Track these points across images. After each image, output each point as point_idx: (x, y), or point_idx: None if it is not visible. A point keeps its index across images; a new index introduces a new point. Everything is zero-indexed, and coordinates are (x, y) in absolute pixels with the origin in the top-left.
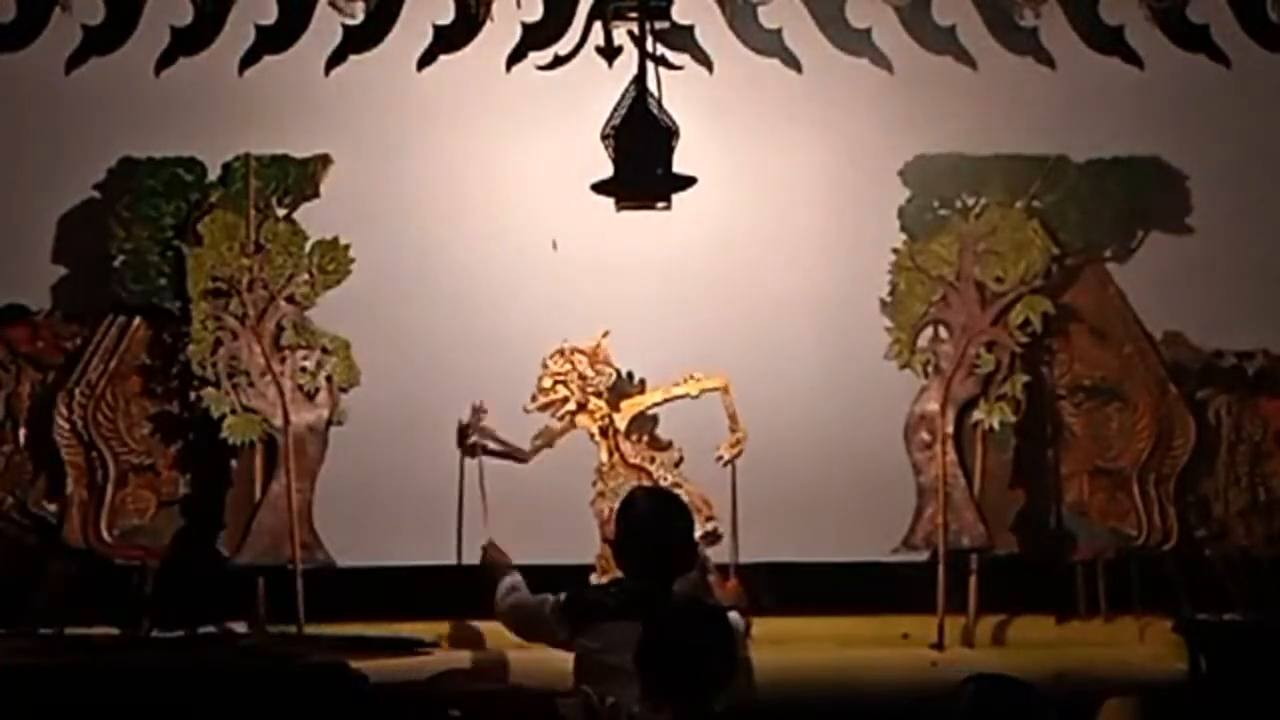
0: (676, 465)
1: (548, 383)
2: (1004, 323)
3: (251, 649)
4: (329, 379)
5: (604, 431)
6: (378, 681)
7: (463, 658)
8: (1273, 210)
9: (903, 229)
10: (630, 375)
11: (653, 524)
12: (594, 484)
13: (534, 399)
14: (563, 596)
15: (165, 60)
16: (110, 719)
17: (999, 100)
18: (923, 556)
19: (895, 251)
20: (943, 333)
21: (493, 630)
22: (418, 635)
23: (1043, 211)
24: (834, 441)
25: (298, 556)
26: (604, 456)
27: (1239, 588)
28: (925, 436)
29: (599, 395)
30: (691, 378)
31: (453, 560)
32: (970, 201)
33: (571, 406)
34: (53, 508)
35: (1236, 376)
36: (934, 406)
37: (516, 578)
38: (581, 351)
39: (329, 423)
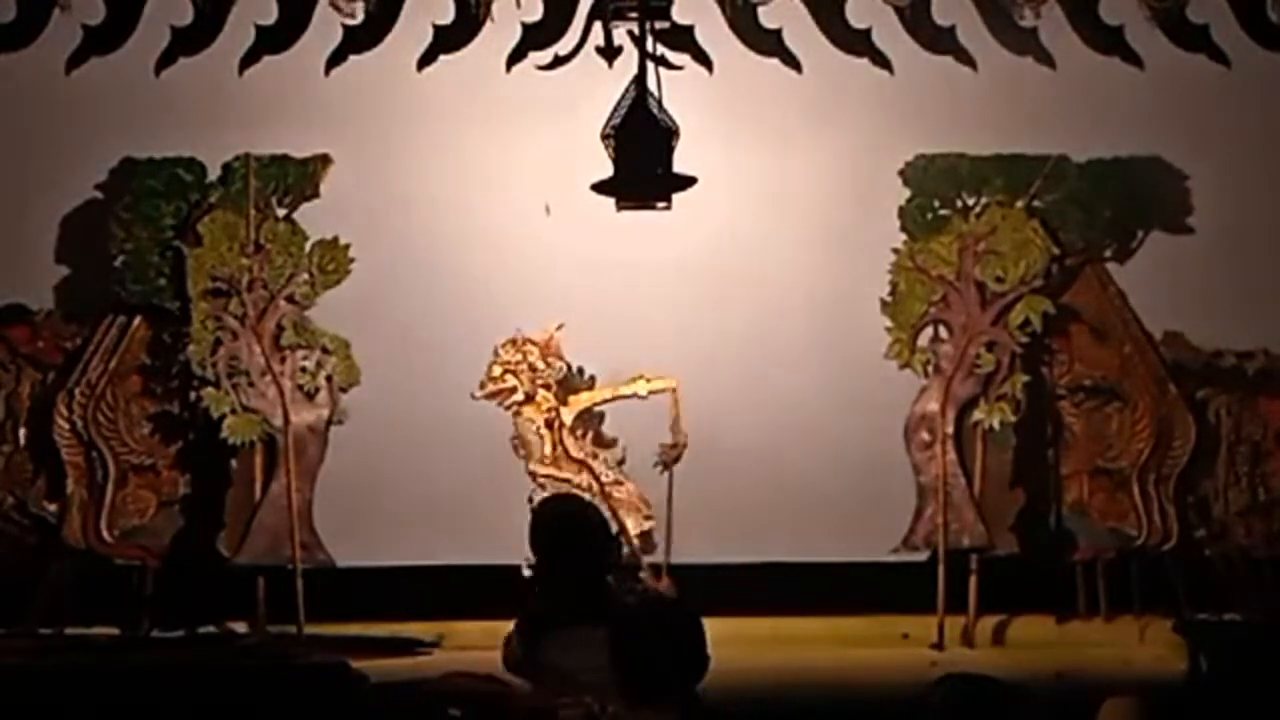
0: (619, 464)
1: (497, 371)
2: (1004, 323)
3: (251, 649)
4: (329, 379)
5: (549, 424)
6: (378, 681)
7: (463, 658)
8: (1273, 210)
9: (903, 229)
10: (580, 371)
11: (566, 526)
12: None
13: (482, 386)
14: (510, 633)
15: (165, 60)
16: (110, 719)
17: (999, 100)
18: (923, 556)
19: (895, 251)
20: (943, 333)
21: (492, 630)
22: (418, 635)
23: (1043, 211)
24: (834, 441)
25: (298, 556)
26: (547, 450)
27: (1239, 588)
28: (925, 436)
29: (547, 388)
30: (641, 378)
31: (453, 560)
32: (970, 201)
33: (519, 397)
34: (53, 508)
35: (1236, 376)
36: (934, 406)
37: None
38: (533, 342)
39: (329, 423)
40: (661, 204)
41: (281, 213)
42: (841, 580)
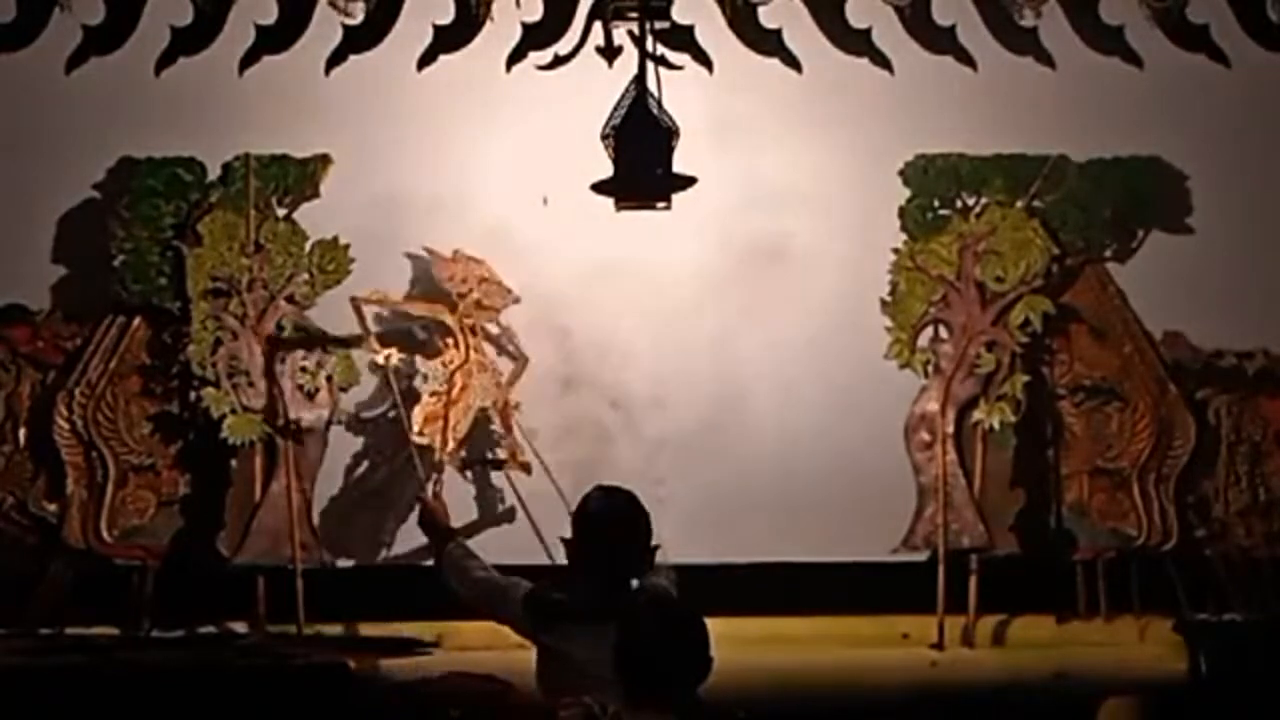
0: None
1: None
2: (1004, 323)
3: (251, 649)
4: (329, 379)
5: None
6: (378, 681)
7: (463, 658)
8: (1273, 210)
9: (903, 229)
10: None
11: (612, 526)
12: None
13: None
14: (527, 588)
15: (165, 60)
16: (110, 719)
17: (999, 100)
18: (923, 556)
19: (895, 251)
20: (943, 333)
21: (493, 630)
22: (418, 635)
23: (1043, 211)
24: (834, 441)
25: (298, 556)
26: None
27: (1239, 588)
28: (925, 436)
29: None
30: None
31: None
32: (970, 201)
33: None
34: (53, 508)
35: (1236, 376)
36: (934, 406)
37: (463, 545)
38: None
39: (329, 423)
40: (661, 204)
41: (281, 213)
42: (841, 580)
